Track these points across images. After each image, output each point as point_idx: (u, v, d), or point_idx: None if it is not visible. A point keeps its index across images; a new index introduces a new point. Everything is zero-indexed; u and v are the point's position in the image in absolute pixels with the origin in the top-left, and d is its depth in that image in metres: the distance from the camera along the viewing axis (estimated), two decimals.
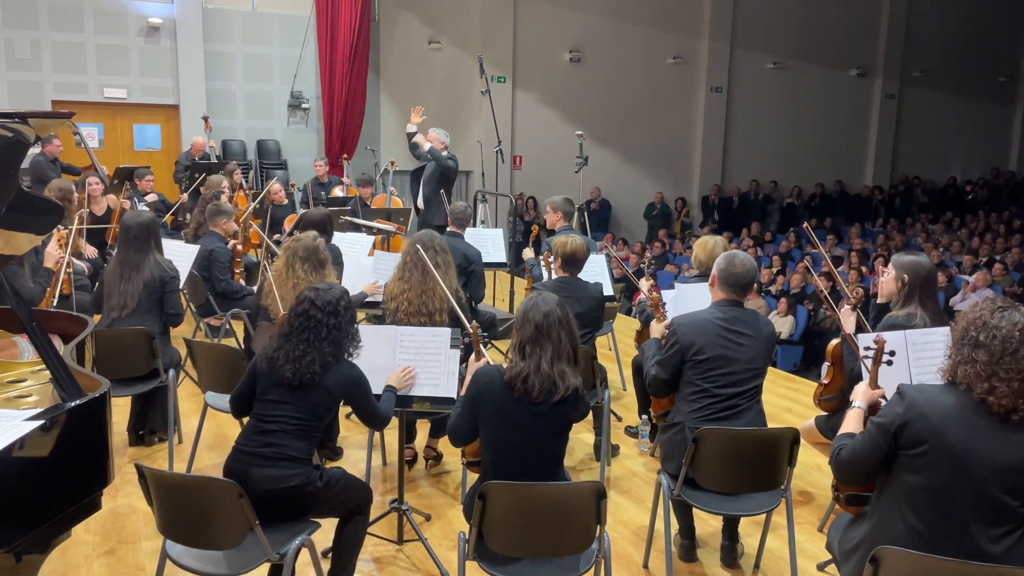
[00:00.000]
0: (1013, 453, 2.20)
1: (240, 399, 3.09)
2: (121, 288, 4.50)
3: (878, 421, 2.37)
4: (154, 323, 4.53)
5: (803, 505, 4.19)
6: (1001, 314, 2.25)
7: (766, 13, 15.14)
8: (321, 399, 2.99)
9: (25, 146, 2.72)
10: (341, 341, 3.05)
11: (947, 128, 17.40)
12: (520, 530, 2.67)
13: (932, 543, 2.26)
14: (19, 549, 2.26)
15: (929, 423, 2.25)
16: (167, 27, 11.93)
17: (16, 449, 2.21)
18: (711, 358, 3.30)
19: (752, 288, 3.46)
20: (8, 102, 11.10)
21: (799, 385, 6.34)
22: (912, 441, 2.28)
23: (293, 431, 2.92)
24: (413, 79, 13.27)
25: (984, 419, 2.22)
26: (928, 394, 2.30)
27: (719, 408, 3.31)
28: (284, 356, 2.96)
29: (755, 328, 3.38)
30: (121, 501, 4.07)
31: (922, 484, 2.28)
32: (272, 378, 2.97)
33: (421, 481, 4.42)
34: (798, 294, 10.18)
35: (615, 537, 3.80)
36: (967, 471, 2.21)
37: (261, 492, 2.80)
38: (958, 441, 2.22)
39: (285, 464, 2.88)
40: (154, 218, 4.78)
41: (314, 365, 2.94)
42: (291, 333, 3.01)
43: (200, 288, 6.21)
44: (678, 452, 3.31)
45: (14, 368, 3.05)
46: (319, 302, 3.03)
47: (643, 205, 14.70)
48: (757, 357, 3.36)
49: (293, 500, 2.88)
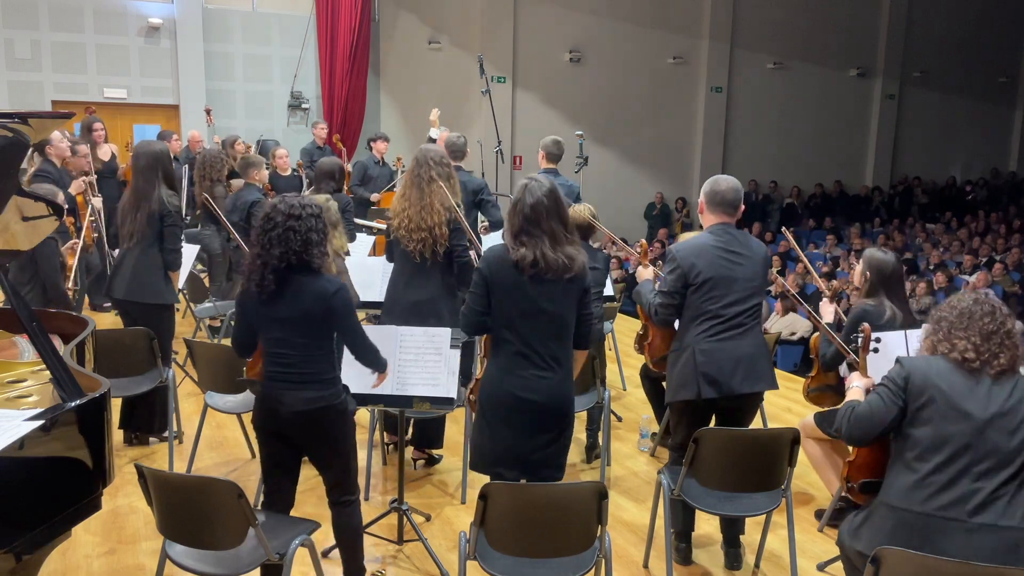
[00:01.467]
0: (1000, 402, 2.45)
1: (241, 340, 3.08)
2: (132, 217, 4.56)
3: (887, 379, 2.61)
4: (156, 258, 4.58)
5: (803, 505, 4.18)
6: (967, 296, 2.63)
7: (766, 13, 15.13)
8: (301, 312, 2.89)
9: (25, 146, 2.72)
10: (293, 243, 2.86)
11: (947, 128, 17.39)
12: (521, 530, 2.67)
13: (938, 488, 2.44)
14: (19, 549, 2.26)
15: (929, 378, 2.53)
16: (167, 27, 11.92)
17: (16, 449, 2.21)
18: (712, 279, 3.37)
19: (740, 205, 3.52)
20: (8, 102, 11.09)
21: (799, 385, 6.31)
22: (917, 392, 2.53)
23: (309, 356, 2.94)
24: (413, 79, 13.26)
25: (966, 377, 2.50)
26: (923, 359, 2.62)
27: (726, 327, 3.38)
28: (248, 269, 2.92)
29: (749, 248, 3.47)
30: (121, 501, 4.07)
31: (929, 435, 2.49)
32: (255, 304, 2.93)
33: (421, 481, 4.42)
34: (798, 294, 10.18)
35: (615, 537, 3.80)
36: (968, 416, 2.44)
37: (296, 414, 2.91)
38: (954, 394, 2.48)
39: (316, 386, 2.94)
40: (165, 150, 4.69)
41: (265, 271, 2.85)
42: (254, 242, 2.93)
43: (200, 287, 6.21)
44: (690, 375, 3.39)
45: (14, 368, 3.05)
46: (281, 206, 2.91)
47: (643, 205, 14.70)
48: (756, 276, 3.45)
49: (328, 419, 2.98)
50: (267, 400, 2.98)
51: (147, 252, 4.57)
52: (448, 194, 4.12)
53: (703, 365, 3.38)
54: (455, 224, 4.14)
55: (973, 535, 2.38)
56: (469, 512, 3.65)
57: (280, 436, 3.02)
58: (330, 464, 3.08)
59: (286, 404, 2.93)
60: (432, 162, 4.16)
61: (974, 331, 2.52)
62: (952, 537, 2.40)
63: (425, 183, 4.11)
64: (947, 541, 2.40)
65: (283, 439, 3.03)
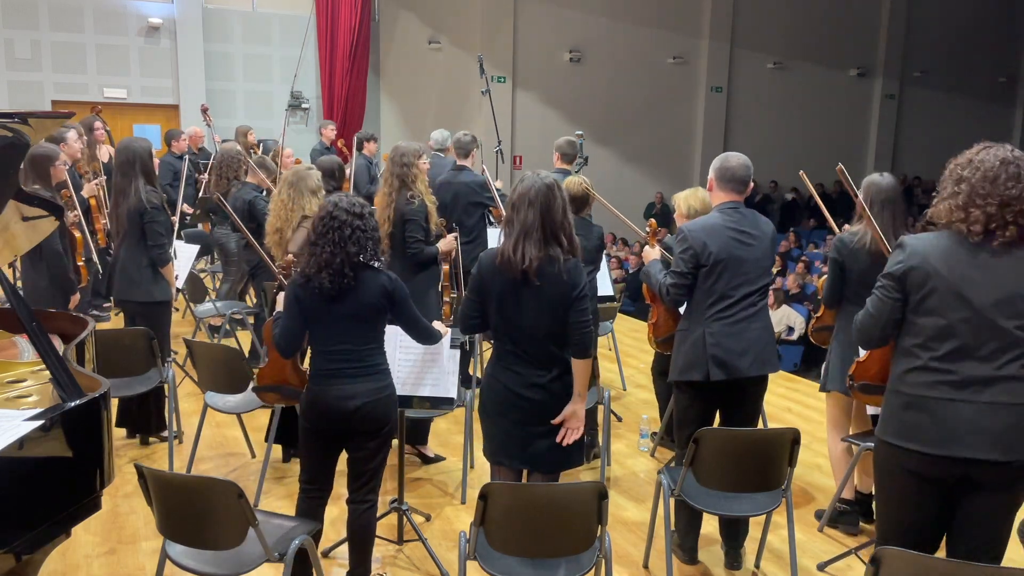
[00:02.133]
0: (1003, 283, 2.38)
1: (292, 337, 3.06)
2: (115, 215, 4.60)
3: (886, 272, 2.54)
4: (141, 254, 4.57)
5: (803, 505, 4.18)
6: (986, 151, 2.44)
7: (766, 13, 15.13)
8: (367, 307, 2.96)
9: (25, 146, 2.71)
10: (366, 243, 2.97)
11: (947, 128, 17.37)
12: (521, 530, 2.67)
13: (943, 372, 2.43)
14: (19, 549, 2.26)
15: (929, 264, 2.44)
16: (167, 27, 11.93)
17: (16, 449, 2.21)
18: (724, 260, 3.36)
19: (750, 182, 3.49)
20: (8, 102, 11.10)
21: (799, 385, 6.34)
22: (918, 284, 2.46)
23: (371, 349, 3.00)
24: (413, 79, 13.27)
25: (971, 253, 2.40)
26: (924, 240, 2.50)
27: (736, 309, 3.38)
28: (316, 265, 2.92)
29: (758, 227, 3.47)
30: (121, 501, 4.07)
31: (933, 324, 2.44)
32: (318, 300, 2.94)
33: (421, 481, 4.42)
34: (797, 294, 10.18)
35: (615, 537, 3.80)
36: (968, 303, 2.39)
37: (362, 405, 2.95)
38: (955, 277, 2.41)
39: (377, 376, 3.01)
40: (146, 147, 4.67)
41: (344, 267, 2.91)
42: (316, 240, 2.95)
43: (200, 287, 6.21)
44: (700, 357, 3.38)
45: (14, 368, 3.05)
46: (343, 204, 2.98)
47: (643, 205, 14.70)
48: (765, 256, 3.45)
49: (389, 409, 3.04)
50: (326, 396, 2.98)
51: (133, 250, 4.58)
52: (395, 189, 4.53)
53: (712, 347, 3.37)
54: (410, 215, 4.47)
55: (984, 413, 2.39)
56: (469, 512, 3.66)
57: (340, 433, 3.03)
58: (374, 456, 3.08)
59: (351, 397, 2.95)
60: (392, 162, 4.61)
61: (994, 198, 2.36)
62: (961, 414, 2.41)
63: (384, 181, 4.65)
64: (958, 420, 2.41)
65: (336, 435, 3.04)
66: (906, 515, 2.57)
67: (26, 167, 4.66)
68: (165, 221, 4.65)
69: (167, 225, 4.70)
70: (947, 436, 2.43)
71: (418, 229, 4.51)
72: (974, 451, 2.41)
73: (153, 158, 4.76)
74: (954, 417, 2.42)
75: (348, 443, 3.08)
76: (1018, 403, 2.39)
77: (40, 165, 4.69)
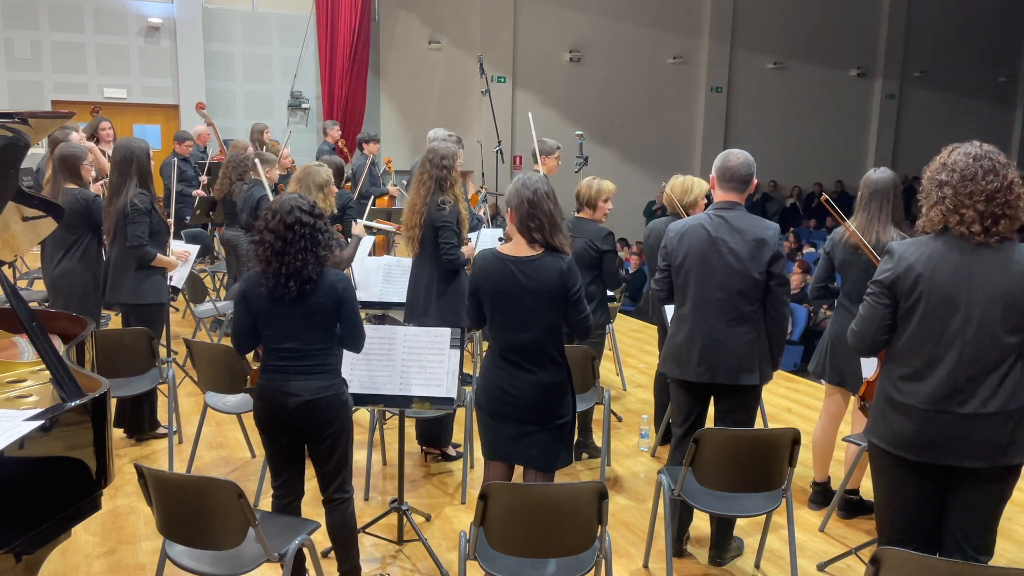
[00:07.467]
0: (996, 281, 2.38)
1: (243, 335, 3.05)
2: (109, 211, 4.59)
3: (875, 279, 2.56)
4: (126, 255, 4.56)
5: (803, 505, 4.18)
6: (956, 152, 2.48)
7: (766, 13, 15.13)
8: (318, 307, 2.93)
9: (25, 146, 2.71)
10: (330, 242, 2.96)
11: (947, 128, 17.37)
12: (521, 530, 2.67)
13: (928, 380, 2.46)
14: (19, 549, 2.26)
15: (917, 271, 2.46)
16: (167, 27, 11.93)
17: (16, 449, 2.21)
18: (690, 264, 3.35)
19: (752, 180, 3.38)
20: (8, 102, 11.10)
21: (799, 385, 6.33)
22: (907, 290, 2.48)
23: (319, 348, 2.97)
24: (413, 79, 13.27)
25: (965, 253, 2.41)
26: (913, 245, 2.52)
27: (699, 313, 3.35)
28: (285, 274, 2.86)
29: (747, 232, 3.29)
30: (121, 501, 4.07)
31: (922, 329, 2.46)
32: (272, 305, 2.91)
33: (421, 481, 4.42)
34: (797, 295, 10.18)
35: (615, 537, 3.80)
36: (958, 308, 2.41)
37: (305, 403, 2.94)
38: (946, 280, 2.42)
39: (323, 375, 2.98)
40: (144, 148, 4.66)
41: (312, 272, 2.88)
42: (285, 248, 2.85)
43: (200, 287, 6.21)
44: (666, 351, 3.51)
45: (14, 368, 3.05)
46: (304, 207, 2.91)
47: (643, 205, 14.70)
48: (747, 262, 3.26)
49: (330, 409, 2.99)
50: (273, 393, 2.97)
51: (120, 251, 4.58)
52: (431, 192, 4.33)
53: (668, 344, 3.51)
54: (441, 221, 4.30)
55: (968, 422, 2.42)
56: (469, 512, 3.66)
57: (286, 429, 3.02)
58: (331, 454, 3.07)
59: (295, 394, 2.93)
60: (429, 163, 4.37)
61: (979, 195, 2.39)
62: (945, 423, 2.44)
63: (418, 182, 4.38)
64: (942, 429, 2.44)
65: (289, 432, 3.03)
66: (902, 505, 2.61)
67: (58, 168, 4.69)
68: (147, 222, 4.56)
69: (151, 226, 4.60)
70: (929, 443, 2.46)
71: (452, 235, 4.36)
72: (959, 459, 2.44)
73: (151, 159, 4.76)
74: (939, 425, 2.45)
75: (307, 443, 3.08)
76: (1002, 412, 2.41)
77: (72, 164, 4.69)
